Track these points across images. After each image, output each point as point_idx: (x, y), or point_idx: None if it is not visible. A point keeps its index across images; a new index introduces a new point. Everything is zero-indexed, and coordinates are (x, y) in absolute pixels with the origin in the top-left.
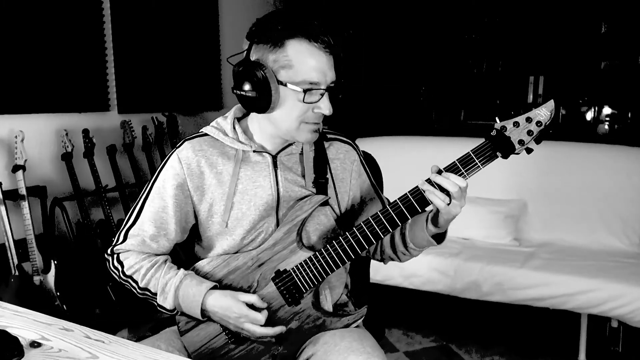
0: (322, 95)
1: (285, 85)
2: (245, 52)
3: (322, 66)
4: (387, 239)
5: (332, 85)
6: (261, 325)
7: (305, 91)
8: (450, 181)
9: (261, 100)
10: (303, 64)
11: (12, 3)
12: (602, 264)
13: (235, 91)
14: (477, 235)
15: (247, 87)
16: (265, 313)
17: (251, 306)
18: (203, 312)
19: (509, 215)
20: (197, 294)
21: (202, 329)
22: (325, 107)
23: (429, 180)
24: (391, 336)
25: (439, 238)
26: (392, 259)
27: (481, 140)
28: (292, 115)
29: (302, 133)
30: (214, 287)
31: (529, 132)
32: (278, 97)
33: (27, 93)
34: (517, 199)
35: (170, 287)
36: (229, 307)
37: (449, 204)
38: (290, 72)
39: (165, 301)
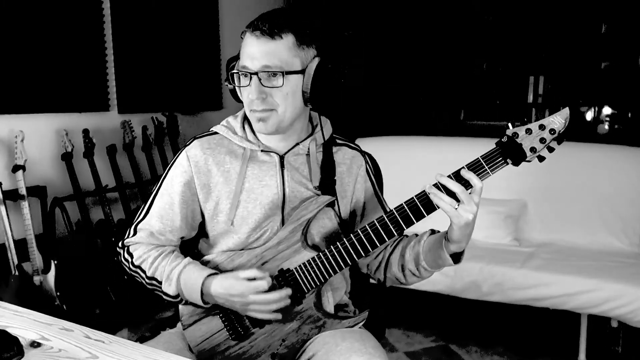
0: (249, 79)
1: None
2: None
3: (251, 50)
4: (396, 256)
5: (266, 71)
6: (266, 293)
7: (227, 74)
8: (455, 182)
9: (233, 92)
10: (242, 51)
11: (12, 3)
12: (602, 264)
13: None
14: (477, 235)
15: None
16: (268, 279)
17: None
18: (203, 297)
19: (509, 215)
20: (197, 278)
21: (204, 324)
22: (250, 90)
23: (436, 185)
24: (391, 336)
25: (456, 259)
26: (397, 279)
27: (481, 140)
28: (245, 105)
29: (254, 123)
30: (215, 274)
31: (542, 140)
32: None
33: (27, 93)
34: (517, 199)
35: (174, 273)
36: (231, 286)
37: (456, 208)
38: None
39: (169, 287)
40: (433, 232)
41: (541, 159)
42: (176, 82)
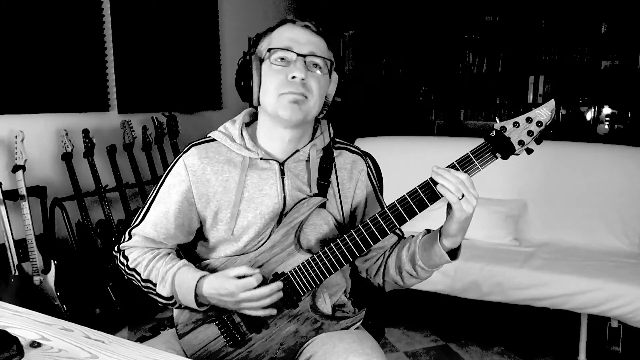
0: (294, 60)
1: (262, 59)
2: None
3: (296, 36)
4: (392, 260)
5: (313, 56)
6: (255, 289)
7: (269, 50)
8: (451, 174)
9: (247, 84)
10: (279, 37)
11: (12, 3)
12: (602, 264)
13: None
14: (477, 235)
15: (238, 77)
16: (258, 277)
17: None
18: (197, 298)
19: (509, 215)
20: (191, 279)
21: (200, 332)
22: (295, 69)
23: (429, 181)
24: (391, 336)
25: (452, 255)
26: (395, 282)
27: (481, 140)
28: (271, 88)
29: (282, 106)
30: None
31: (529, 133)
32: (259, 74)
33: (27, 93)
34: (517, 199)
35: (169, 275)
36: (221, 285)
37: (460, 199)
38: (270, 46)
39: (164, 289)
40: (428, 231)
41: (529, 151)
42: (176, 82)
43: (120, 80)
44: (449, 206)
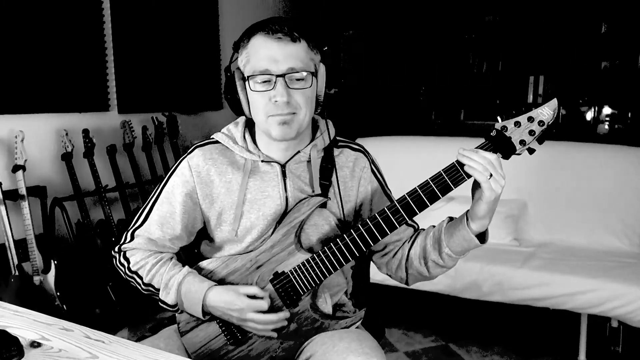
0: (274, 82)
1: (244, 80)
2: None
3: (272, 53)
4: (416, 250)
5: (292, 73)
6: (265, 313)
7: (247, 78)
8: (479, 155)
9: (233, 102)
10: (256, 55)
11: (12, 3)
12: (602, 264)
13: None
14: None
15: (226, 94)
16: (267, 300)
17: (253, 298)
18: (204, 309)
19: (509, 215)
20: (198, 290)
21: (201, 330)
22: (276, 93)
23: (457, 162)
24: (391, 336)
25: (481, 239)
26: (420, 274)
27: (481, 140)
28: (258, 110)
29: (272, 128)
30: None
31: (531, 132)
32: (245, 95)
33: (27, 93)
34: (517, 199)
35: (173, 283)
36: (232, 301)
37: (489, 178)
38: (249, 67)
39: (168, 297)
40: (451, 219)
41: (531, 151)
42: (176, 82)
43: (120, 80)
44: (476, 188)
